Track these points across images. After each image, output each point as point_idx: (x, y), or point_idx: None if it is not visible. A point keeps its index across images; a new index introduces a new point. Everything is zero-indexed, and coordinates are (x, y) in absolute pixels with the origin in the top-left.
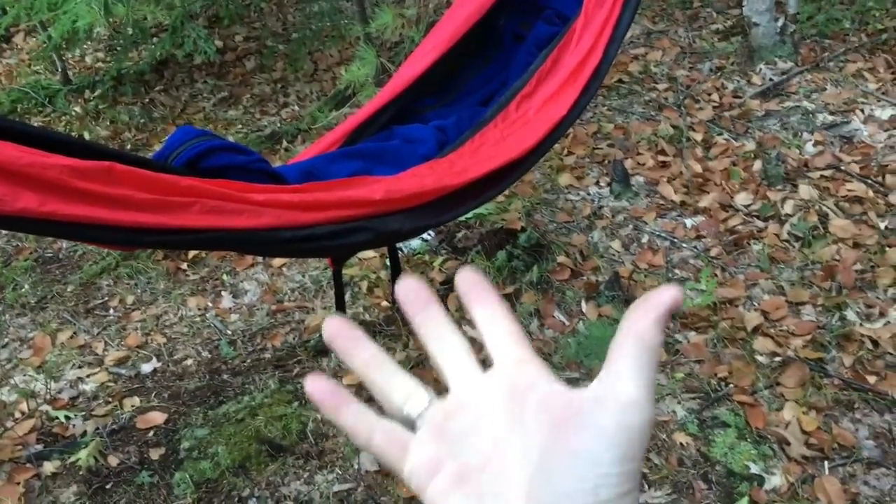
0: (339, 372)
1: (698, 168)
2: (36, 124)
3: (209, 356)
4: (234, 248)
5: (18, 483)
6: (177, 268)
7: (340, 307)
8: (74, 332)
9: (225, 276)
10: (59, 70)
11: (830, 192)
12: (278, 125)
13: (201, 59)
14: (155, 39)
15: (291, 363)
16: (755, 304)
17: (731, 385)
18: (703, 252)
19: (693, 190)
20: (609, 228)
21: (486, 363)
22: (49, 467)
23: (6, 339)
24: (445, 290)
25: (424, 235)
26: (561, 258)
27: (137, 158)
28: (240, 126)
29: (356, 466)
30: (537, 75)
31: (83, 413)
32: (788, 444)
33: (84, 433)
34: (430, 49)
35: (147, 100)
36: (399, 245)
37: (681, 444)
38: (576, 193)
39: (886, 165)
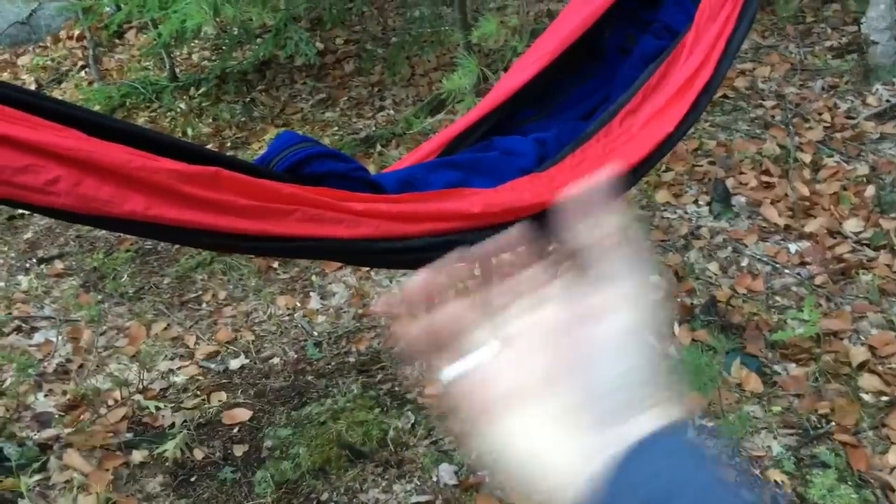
0: (422, 381)
1: (805, 191)
2: (142, 119)
3: (295, 356)
4: (329, 258)
5: (108, 470)
6: (268, 266)
7: None
8: (168, 324)
9: (314, 277)
10: (168, 67)
11: None
12: (373, 129)
13: (302, 61)
14: (259, 40)
15: (375, 369)
16: (862, 338)
17: (833, 423)
18: (806, 280)
19: (799, 214)
20: (707, 249)
21: None
22: (137, 456)
23: (104, 327)
24: None
25: None
26: (654, 278)
27: (242, 164)
28: (336, 128)
29: (435, 479)
30: (643, 90)
31: (173, 405)
32: (893, 490)
33: (172, 424)
34: (533, 60)
35: (248, 99)
36: None
37: (775, 482)
38: (672, 211)
39: None
